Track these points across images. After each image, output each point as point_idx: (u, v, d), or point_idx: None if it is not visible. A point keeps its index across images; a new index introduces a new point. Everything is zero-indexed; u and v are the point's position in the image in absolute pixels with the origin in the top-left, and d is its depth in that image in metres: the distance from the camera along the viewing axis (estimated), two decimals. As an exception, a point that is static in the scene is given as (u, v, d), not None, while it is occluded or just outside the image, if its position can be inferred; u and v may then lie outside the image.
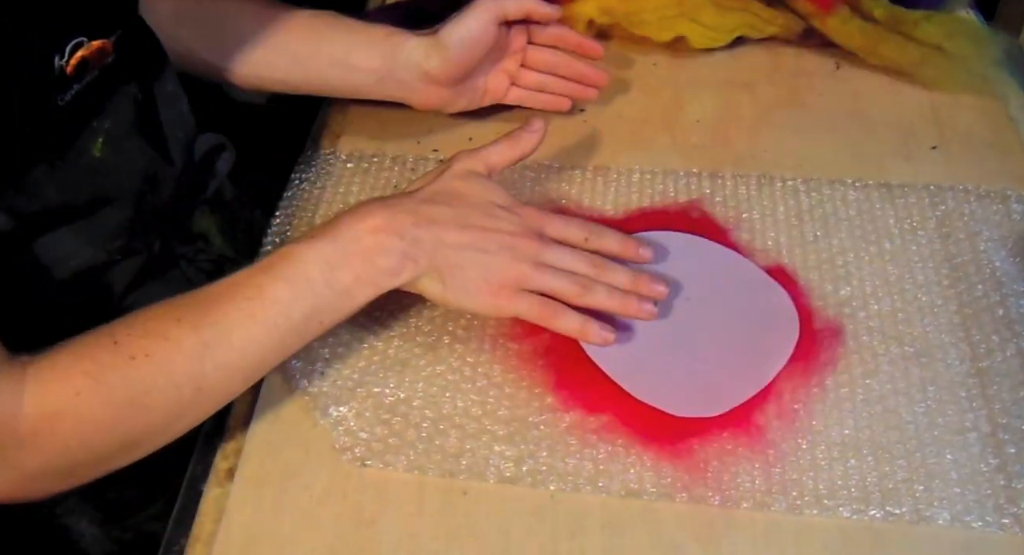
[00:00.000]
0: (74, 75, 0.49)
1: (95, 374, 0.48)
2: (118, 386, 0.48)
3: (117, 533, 0.63)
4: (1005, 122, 0.77)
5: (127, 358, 0.49)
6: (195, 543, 0.53)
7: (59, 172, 0.52)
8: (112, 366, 0.48)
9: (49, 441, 0.47)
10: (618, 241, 0.61)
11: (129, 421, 0.50)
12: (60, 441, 0.48)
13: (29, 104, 0.47)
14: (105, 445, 0.50)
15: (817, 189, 0.71)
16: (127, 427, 0.50)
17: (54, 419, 0.47)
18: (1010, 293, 0.63)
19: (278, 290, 0.52)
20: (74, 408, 0.47)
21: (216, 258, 0.68)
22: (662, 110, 0.79)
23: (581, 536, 0.52)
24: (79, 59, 0.49)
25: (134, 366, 0.49)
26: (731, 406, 0.57)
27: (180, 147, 0.61)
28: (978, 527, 0.51)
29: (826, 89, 0.81)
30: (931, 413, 0.57)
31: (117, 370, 0.48)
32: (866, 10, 0.82)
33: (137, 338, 0.49)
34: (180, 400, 0.50)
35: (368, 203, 0.57)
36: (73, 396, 0.47)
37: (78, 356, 0.49)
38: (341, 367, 0.60)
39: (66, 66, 0.48)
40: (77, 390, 0.47)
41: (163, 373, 0.49)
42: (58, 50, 0.48)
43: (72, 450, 0.48)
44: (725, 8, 0.82)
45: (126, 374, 0.48)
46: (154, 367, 0.49)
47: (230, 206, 0.72)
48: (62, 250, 0.54)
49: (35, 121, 0.48)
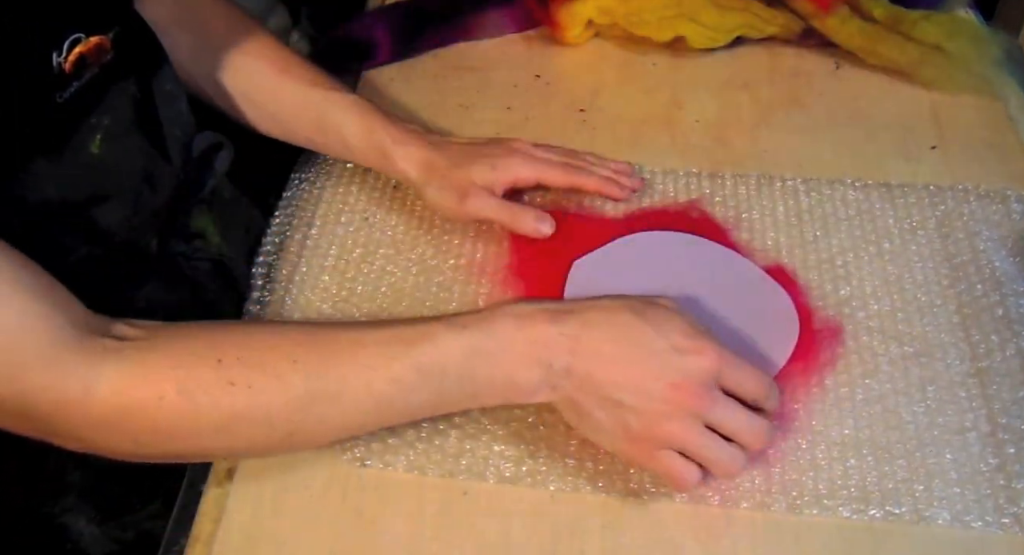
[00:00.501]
0: (73, 72, 0.49)
1: (187, 388, 0.46)
2: (207, 408, 0.46)
3: (117, 532, 0.63)
4: (1005, 122, 0.77)
5: (226, 383, 0.47)
6: (195, 543, 0.53)
7: (57, 168, 0.52)
8: (207, 387, 0.46)
9: (119, 431, 0.46)
10: None
11: (208, 440, 0.48)
12: (130, 435, 0.47)
13: (28, 101, 0.47)
14: (177, 451, 0.49)
15: (817, 189, 0.71)
16: (205, 444, 0.49)
17: (129, 414, 0.46)
18: (1010, 293, 0.63)
19: (407, 373, 0.49)
20: (154, 411, 0.46)
21: (214, 257, 0.68)
22: (662, 110, 0.79)
23: (581, 536, 0.52)
24: (77, 55, 0.49)
25: (231, 393, 0.47)
26: None
27: (179, 145, 0.61)
28: (978, 527, 0.51)
29: (826, 89, 0.81)
30: (931, 413, 0.57)
31: (212, 393, 0.46)
32: (865, 10, 0.82)
33: (244, 366, 0.47)
34: (268, 438, 0.49)
35: (532, 308, 0.51)
36: (156, 399, 0.46)
37: (174, 361, 0.47)
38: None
39: (64, 63, 0.48)
40: (162, 395, 0.46)
41: (260, 410, 0.48)
42: (56, 47, 0.48)
43: (142, 445, 0.47)
44: (724, 8, 0.82)
45: (220, 399, 0.47)
46: (253, 401, 0.47)
47: (228, 205, 0.72)
48: (60, 247, 0.54)
49: (34, 118, 0.48)
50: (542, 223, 0.65)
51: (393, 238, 0.69)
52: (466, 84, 0.82)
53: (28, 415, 0.45)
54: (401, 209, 0.71)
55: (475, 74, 0.83)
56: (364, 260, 0.67)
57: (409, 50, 0.85)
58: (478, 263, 0.66)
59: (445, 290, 0.65)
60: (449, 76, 0.83)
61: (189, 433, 0.47)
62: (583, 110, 0.79)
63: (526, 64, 0.84)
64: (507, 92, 0.81)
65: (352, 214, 0.71)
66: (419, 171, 0.65)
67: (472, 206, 0.64)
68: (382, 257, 0.67)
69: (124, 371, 0.46)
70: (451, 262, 0.66)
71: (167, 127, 0.60)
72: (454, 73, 0.83)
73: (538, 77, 0.83)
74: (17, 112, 0.47)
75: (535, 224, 0.65)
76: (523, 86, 0.82)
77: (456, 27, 0.86)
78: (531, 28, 0.88)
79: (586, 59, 0.85)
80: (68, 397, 0.45)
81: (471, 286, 0.65)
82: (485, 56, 0.85)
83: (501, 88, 0.82)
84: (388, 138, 0.66)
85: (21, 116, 0.47)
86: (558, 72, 0.84)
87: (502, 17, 0.87)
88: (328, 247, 0.68)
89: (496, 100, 0.80)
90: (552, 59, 0.85)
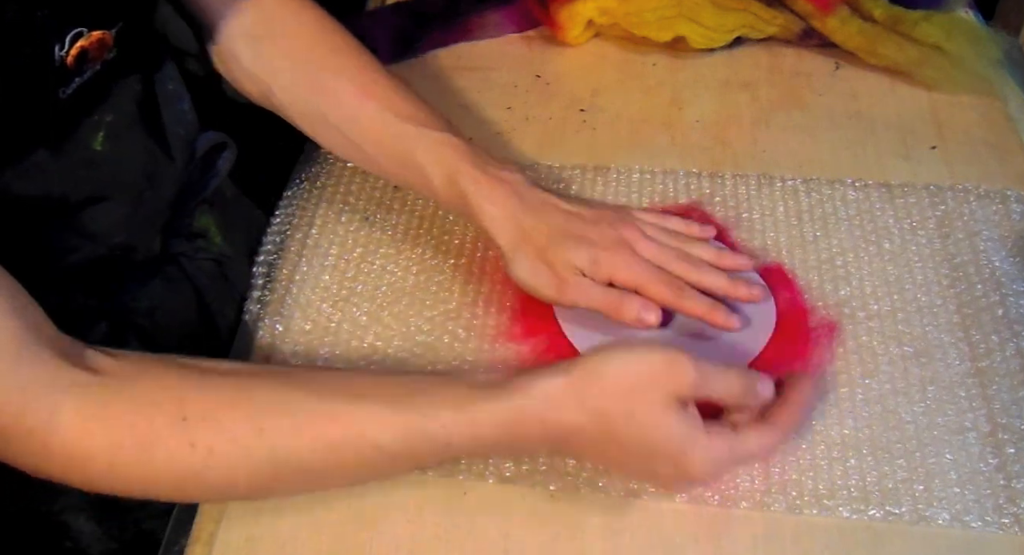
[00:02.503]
0: (75, 67, 0.49)
1: (146, 442, 0.44)
2: (164, 464, 0.45)
3: (116, 531, 0.63)
4: (1005, 122, 0.77)
5: (187, 444, 0.44)
6: (195, 543, 0.53)
7: (59, 165, 0.52)
8: (167, 444, 0.44)
9: (74, 469, 0.45)
10: None
11: (164, 492, 0.47)
12: (85, 476, 0.45)
13: (29, 94, 0.47)
14: (132, 494, 0.47)
15: (817, 189, 0.71)
16: (160, 494, 0.47)
17: (87, 455, 0.44)
18: (1010, 293, 0.63)
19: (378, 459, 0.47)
20: (110, 457, 0.44)
21: (216, 257, 0.68)
22: (662, 110, 0.79)
23: (581, 536, 0.52)
24: (79, 49, 0.49)
25: (190, 454, 0.44)
26: None
27: (182, 144, 0.61)
28: (977, 527, 0.51)
29: (826, 89, 0.81)
30: (930, 413, 0.57)
31: (170, 451, 0.44)
32: (865, 10, 0.82)
33: (207, 429, 0.45)
34: (226, 496, 0.48)
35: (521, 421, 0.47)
36: (114, 448, 0.44)
37: (135, 408, 0.45)
38: (341, 366, 0.60)
39: (66, 57, 0.48)
40: (120, 444, 0.44)
41: (219, 474, 0.45)
42: (58, 40, 0.48)
43: (96, 485, 0.46)
44: (724, 8, 0.82)
45: (178, 459, 0.44)
46: (212, 465, 0.45)
47: (230, 204, 0.72)
48: (61, 244, 0.54)
49: (35, 112, 0.48)
50: (648, 313, 0.56)
51: (393, 238, 0.69)
52: (466, 84, 0.82)
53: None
54: (401, 209, 0.71)
55: (475, 74, 0.83)
56: (364, 260, 0.67)
57: (409, 50, 0.85)
58: (478, 263, 0.66)
59: (445, 290, 0.65)
60: (449, 76, 0.83)
61: (144, 484, 0.46)
62: (583, 110, 0.79)
63: (526, 64, 0.84)
64: (507, 92, 0.81)
65: (352, 214, 0.71)
66: (508, 238, 0.58)
67: (571, 296, 0.57)
68: (382, 257, 0.67)
69: (86, 413, 0.44)
70: (451, 262, 0.67)
71: (170, 126, 0.60)
72: (454, 73, 0.83)
73: (538, 77, 0.83)
74: (18, 104, 0.47)
75: (640, 314, 0.56)
76: (523, 86, 0.82)
77: (456, 27, 0.87)
78: (531, 28, 0.88)
79: (586, 59, 0.85)
80: (28, 424, 0.43)
81: (471, 286, 0.65)
82: (485, 56, 0.85)
83: (501, 88, 0.82)
84: (473, 187, 0.59)
85: (22, 109, 0.47)
86: (558, 72, 0.84)
87: (502, 17, 0.87)
88: (328, 247, 0.68)
89: (496, 100, 0.80)
90: (552, 59, 0.85)
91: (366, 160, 0.63)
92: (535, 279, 0.57)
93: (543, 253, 0.57)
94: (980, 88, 0.79)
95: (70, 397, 0.44)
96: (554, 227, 0.58)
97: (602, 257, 0.57)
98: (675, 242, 0.60)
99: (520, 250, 0.58)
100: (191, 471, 0.45)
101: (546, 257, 0.57)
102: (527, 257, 0.58)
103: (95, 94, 0.52)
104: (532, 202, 0.59)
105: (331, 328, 0.63)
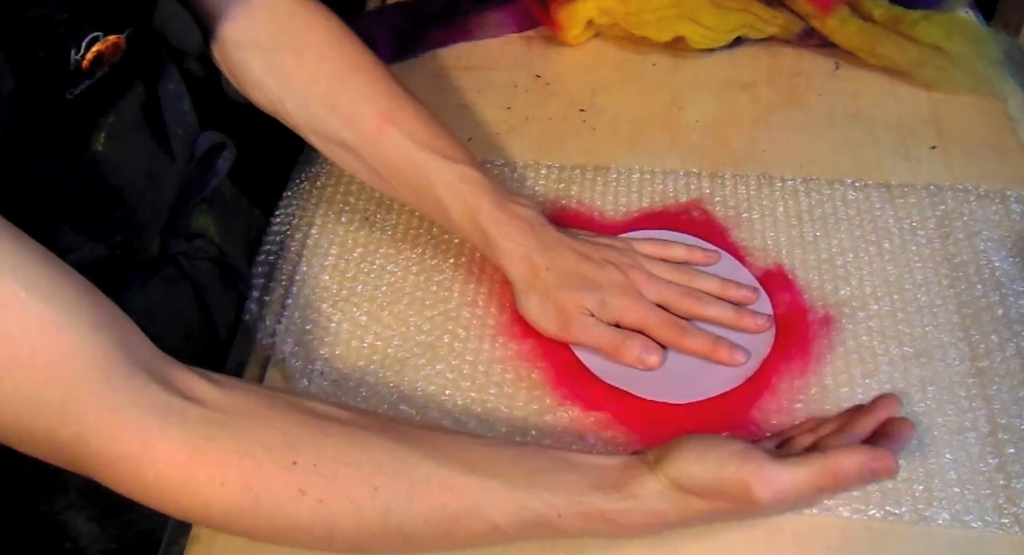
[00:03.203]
0: (88, 70, 0.49)
1: (252, 484, 0.42)
2: (268, 509, 0.43)
3: (116, 531, 0.63)
4: (1004, 122, 0.77)
5: (297, 490, 0.43)
6: (195, 543, 0.53)
7: (60, 165, 0.52)
8: (275, 488, 0.43)
9: (168, 501, 0.43)
10: None
11: (260, 535, 0.45)
12: (179, 508, 0.43)
13: (38, 95, 0.47)
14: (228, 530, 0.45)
15: (816, 189, 0.71)
16: (255, 536, 0.45)
17: (184, 488, 0.42)
18: (1009, 293, 0.63)
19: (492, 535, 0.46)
20: (211, 494, 0.42)
21: (215, 257, 0.68)
22: (661, 110, 0.79)
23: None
24: (95, 54, 0.49)
25: (299, 502, 0.43)
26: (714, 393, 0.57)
27: (181, 145, 0.61)
28: (977, 527, 0.51)
29: (825, 89, 0.81)
30: (930, 413, 0.57)
31: (278, 497, 0.43)
32: (865, 10, 0.82)
33: (320, 477, 0.43)
34: (323, 545, 0.45)
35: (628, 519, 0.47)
36: (216, 484, 0.42)
37: (244, 449, 0.43)
38: (341, 367, 0.60)
39: (82, 61, 0.48)
40: (224, 481, 0.42)
41: (325, 527, 0.43)
42: (75, 44, 0.48)
43: (189, 517, 0.45)
44: (724, 8, 0.82)
45: (285, 506, 0.43)
46: (320, 517, 0.43)
47: (229, 205, 0.72)
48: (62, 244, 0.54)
49: (42, 113, 0.48)
50: (648, 354, 0.58)
51: (393, 238, 0.69)
52: (466, 84, 0.82)
53: (78, 457, 0.42)
54: (401, 209, 0.71)
55: (475, 74, 0.83)
56: (364, 260, 0.67)
57: (409, 50, 0.85)
58: (478, 263, 0.66)
59: (445, 290, 0.65)
60: (449, 76, 0.83)
61: (242, 526, 0.44)
62: (583, 110, 0.79)
63: (526, 64, 0.84)
64: (507, 92, 0.81)
65: (352, 214, 0.71)
66: (521, 277, 0.60)
67: (575, 334, 0.59)
68: (382, 257, 0.67)
69: (188, 442, 0.42)
70: (451, 262, 0.67)
71: (171, 126, 0.60)
72: (454, 73, 0.83)
73: (538, 77, 0.83)
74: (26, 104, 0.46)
75: (640, 354, 0.58)
76: (523, 86, 0.82)
77: (456, 27, 0.87)
78: (531, 28, 0.88)
79: (586, 59, 0.85)
80: (123, 451, 0.41)
81: (471, 285, 0.65)
82: (485, 56, 0.85)
83: (501, 88, 0.82)
84: (493, 224, 0.60)
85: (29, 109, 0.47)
86: (558, 72, 0.84)
87: (502, 17, 0.87)
88: (328, 247, 0.68)
89: (496, 100, 0.80)
90: (552, 59, 0.85)
91: (380, 182, 0.63)
92: (543, 317, 0.60)
93: (553, 293, 0.59)
94: (980, 88, 0.79)
95: (169, 426, 0.42)
96: (566, 270, 0.60)
97: (610, 300, 0.59)
98: (680, 277, 0.62)
99: (532, 288, 0.60)
100: (297, 522, 0.43)
101: (555, 297, 0.59)
102: (537, 295, 0.60)
103: (100, 96, 0.52)
104: (547, 241, 0.60)
105: (331, 328, 0.63)
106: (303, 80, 0.62)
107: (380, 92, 0.62)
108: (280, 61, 0.62)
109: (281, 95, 0.62)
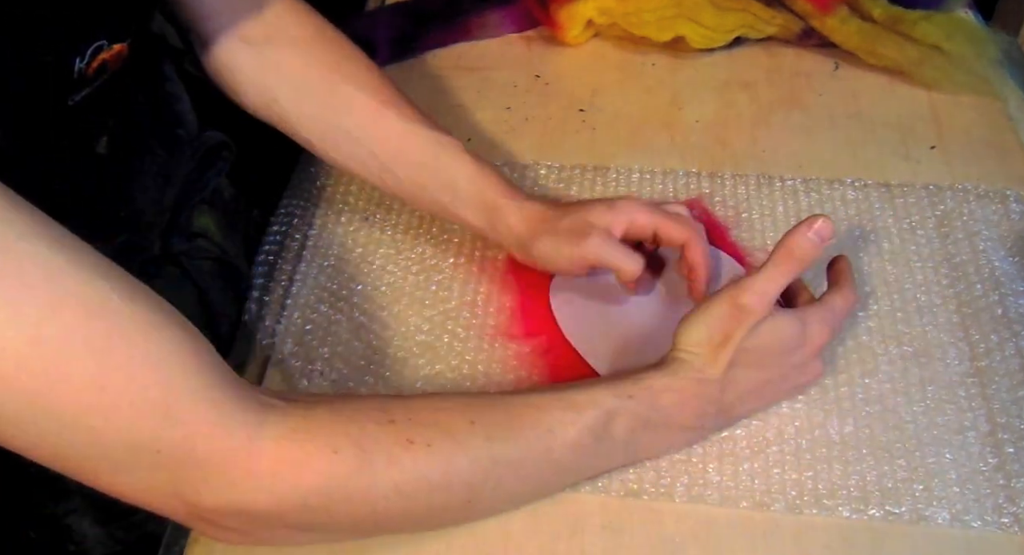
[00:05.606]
0: (91, 78, 0.49)
1: (361, 443, 0.43)
2: (384, 465, 0.43)
3: (120, 533, 0.63)
4: (1004, 122, 0.77)
5: (404, 440, 0.44)
6: (195, 543, 0.53)
7: (62, 169, 0.52)
8: (383, 443, 0.43)
9: (286, 486, 0.41)
10: None
11: (383, 503, 0.44)
12: (299, 494, 0.42)
13: (41, 101, 0.47)
14: (347, 514, 0.44)
15: (816, 189, 0.71)
16: (379, 509, 0.44)
17: (299, 466, 0.41)
18: (1009, 293, 0.63)
19: (584, 438, 0.48)
20: (327, 465, 0.42)
21: (215, 256, 0.68)
22: (661, 110, 0.79)
23: (581, 536, 0.52)
24: (100, 62, 0.49)
25: (410, 451, 0.43)
26: None
27: (182, 145, 0.61)
28: (977, 526, 0.51)
29: (825, 89, 0.81)
30: (930, 412, 0.57)
31: (389, 450, 0.43)
32: (865, 10, 0.82)
33: (418, 425, 0.44)
34: (447, 504, 0.46)
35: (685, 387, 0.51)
36: (329, 451, 0.42)
37: (342, 416, 0.43)
38: (341, 366, 0.60)
39: (86, 69, 0.48)
40: (336, 448, 0.42)
41: (440, 471, 0.44)
42: (78, 53, 0.48)
43: (310, 508, 0.43)
44: (724, 8, 0.82)
45: (399, 457, 0.43)
46: (433, 461, 0.44)
47: (229, 204, 0.72)
48: None
49: (44, 119, 0.48)
50: None
51: (393, 238, 0.69)
52: (466, 84, 0.82)
53: (183, 463, 0.40)
54: (401, 209, 0.71)
55: (475, 74, 0.83)
56: (364, 260, 0.67)
57: (409, 50, 0.85)
58: (478, 263, 0.66)
59: (445, 289, 0.65)
60: (449, 76, 0.83)
61: (365, 493, 0.43)
62: (583, 110, 0.79)
63: (526, 64, 0.84)
64: (507, 92, 0.81)
65: (352, 214, 0.71)
66: (529, 224, 0.60)
67: (591, 247, 0.58)
68: (382, 257, 0.67)
69: (291, 425, 0.42)
70: (451, 262, 0.67)
71: (171, 127, 0.60)
72: (454, 73, 0.83)
73: (538, 77, 0.83)
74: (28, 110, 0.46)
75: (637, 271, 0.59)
76: (523, 86, 0.82)
77: (456, 27, 0.87)
78: (531, 28, 0.88)
79: (586, 59, 0.85)
80: (231, 444, 0.40)
81: (471, 285, 0.65)
82: (485, 56, 0.85)
83: (501, 88, 0.82)
84: (500, 189, 0.61)
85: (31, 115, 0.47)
86: (558, 72, 0.84)
87: (502, 17, 0.87)
88: (328, 247, 0.68)
89: (496, 100, 0.80)
90: (552, 59, 0.85)
91: (379, 170, 0.62)
92: (555, 250, 0.59)
93: (561, 221, 0.60)
94: (980, 88, 0.79)
95: (270, 415, 0.42)
96: (570, 206, 0.61)
97: (617, 204, 0.59)
98: None
99: (542, 231, 0.60)
100: (413, 472, 0.44)
101: (565, 223, 0.59)
102: (547, 233, 0.60)
103: (102, 101, 0.52)
104: (549, 200, 0.62)
105: (331, 328, 0.63)
106: (298, 68, 0.62)
107: (374, 79, 0.63)
108: (273, 54, 0.62)
109: (275, 89, 0.62)
